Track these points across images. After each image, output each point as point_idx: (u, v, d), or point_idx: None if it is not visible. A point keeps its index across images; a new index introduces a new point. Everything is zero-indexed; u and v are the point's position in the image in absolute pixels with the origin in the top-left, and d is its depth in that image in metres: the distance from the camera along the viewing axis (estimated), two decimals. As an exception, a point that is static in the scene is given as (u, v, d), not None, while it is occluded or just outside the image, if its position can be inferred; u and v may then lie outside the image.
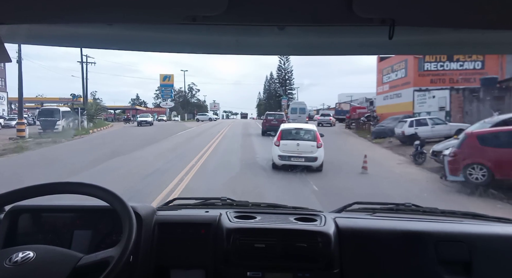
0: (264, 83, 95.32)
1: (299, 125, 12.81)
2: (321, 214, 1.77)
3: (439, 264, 1.54)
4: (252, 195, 7.17)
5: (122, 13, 1.01)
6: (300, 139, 11.07)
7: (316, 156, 10.47)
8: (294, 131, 11.43)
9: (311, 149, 10.60)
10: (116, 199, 1.28)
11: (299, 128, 11.67)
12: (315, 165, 10.48)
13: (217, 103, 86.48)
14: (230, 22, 1.06)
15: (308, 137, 11.05)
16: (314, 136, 10.97)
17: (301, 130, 11.49)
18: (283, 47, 1.53)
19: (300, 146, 10.67)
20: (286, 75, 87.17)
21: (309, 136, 11.11)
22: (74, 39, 1.36)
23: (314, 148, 10.61)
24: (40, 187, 1.31)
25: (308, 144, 10.73)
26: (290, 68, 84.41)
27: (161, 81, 65.80)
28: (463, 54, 21.10)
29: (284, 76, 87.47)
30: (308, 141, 10.89)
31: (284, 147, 10.72)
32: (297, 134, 11.31)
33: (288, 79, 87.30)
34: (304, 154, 10.49)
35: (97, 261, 1.16)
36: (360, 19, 0.98)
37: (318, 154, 10.51)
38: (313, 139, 10.90)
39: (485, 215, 1.83)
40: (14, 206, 1.57)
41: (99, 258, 1.16)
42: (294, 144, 10.75)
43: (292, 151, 10.58)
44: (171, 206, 1.92)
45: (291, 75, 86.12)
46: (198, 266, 1.60)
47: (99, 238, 1.55)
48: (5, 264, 1.10)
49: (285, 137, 11.06)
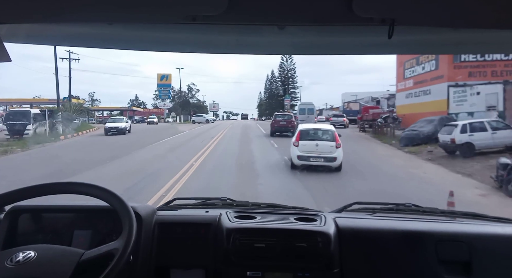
0: (265, 83, 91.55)
1: (317, 125, 12.89)
2: (321, 214, 1.77)
3: (439, 264, 1.53)
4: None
5: (122, 13, 1.02)
6: (319, 139, 11.03)
7: (335, 156, 10.42)
8: (312, 132, 11.40)
9: (330, 149, 10.56)
10: (116, 199, 1.29)
11: (318, 129, 11.69)
12: (334, 165, 10.47)
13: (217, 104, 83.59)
14: (230, 22, 1.06)
15: (326, 138, 11.00)
16: (333, 137, 10.92)
17: (319, 131, 11.47)
18: (283, 47, 1.53)
19: (319, 146, 10.65)
20: (289, 73, 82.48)
21: (327, 136, 11.05)
22: (74, 39, 1.37)
23: (333, 148, 10.56)
24: (40, 187, 1.32)
25: (327, 144, 10.70)
26: (293, 66, 79.77)
27: (159, 81, 64.99)
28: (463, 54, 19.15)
29: (287, 75, 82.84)
30: (327, 141, 10.86)
31: (303, 147, 10.67)
32: (315, 134, 11.29)
33: (290, 78, 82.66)
34: (323, 154, 10.48)
35: (101, 254, 1.16)
36: (360, 19, 0.98)
37: (337, 154, 10.46)
38: (332, 139, 10.85)
39: (485, 215, 1.81)
40: (14, 206, 1.57)
41: (103, 251, 1.17)
42: (313, 144, 10.72)
43: (311, 151, 10.56)
44: (171, 206, 1.92)
45: (294, 73, 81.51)
46: (198, 266, 1.60)
47: (99, 238, 1.53)
48: (6, 264, 1.10)
49: (304, 138, 11.01)
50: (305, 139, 11.03)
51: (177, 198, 2.00)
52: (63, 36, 1.32)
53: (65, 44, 1.51)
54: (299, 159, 10.63)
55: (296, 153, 10.73)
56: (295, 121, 23.11)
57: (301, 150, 10.71)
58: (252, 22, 1.09)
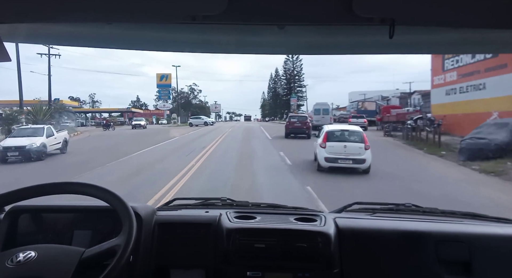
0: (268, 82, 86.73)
1: (344, 126, 12.82)
2: (321, 214, 1.76)
3: (439, 264, 1.53)
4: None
5: (122, 13, 1.01)
6: (347, 140, 10.76)
7: (364, 158, 10.14)
8: (340, 133, 11.10)
9: (359, 151, 10.27)
10: (116, 199, 1.28)
11: (345, 130, 11.38)
12: (362, 167, 10.18)
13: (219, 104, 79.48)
14: (230, 22, 1.06)
15: (355, 139, 10.74)
16: (362, 138, 10.67)
17: (347, 132, 11.18)
18: (283, 47, 1.52)
19: (347, 148, 10.39)
20: (295, 70, 77.08)
21: (356, 138, 10.79)
22: (74, 38, 1.36)
23: (362, 150, 10.28)
24: (40, 187, 1.31)
25: (355, 146, 10.43)
26: (299, 63, 74.29)
27: (158, 81, 63.17)
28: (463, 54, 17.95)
29: (292, 72, 77.44)
30: (355, 142, 10.59)
31: (330, 149, 10.42)
32: (343, 135, 11.00)
33: (297, 75, 77.31)
34: (351, 156, 10.23)
35: (102, 251, 1.16)
36: (360, 19, 0.98)
37: (366, 156, 10.17)
38: (360, 141, 10.59)
39: (485, 215, 1.80)
40: (14, 206, 1.56)
41: (105, 248, 1.16)
42: (341, 145, 10.46)
43: (339, 152, 10.31)
44: (171, 206, 1.90)
45: (301, 71, 76.16)
46: (198, 266, 1.59)
47: (99, 238, 1.51)
48: (7, 265, 1.10)
49: (331, 139, 10.74)
50: (333, 140, 10.69)
51: (177, 198, 1.99)
52: (62, 36, 1.32)
53: (64, 44, 1.52)
54: (327, 160, 10.32)
55: (323, 155, 10.41)
56: (309, 123, 22.27)
57: (328, 152, 10.39)
58: (252, 22, 1.09)
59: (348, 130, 11.32)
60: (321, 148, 10.57)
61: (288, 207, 1.88)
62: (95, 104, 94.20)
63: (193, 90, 79.34)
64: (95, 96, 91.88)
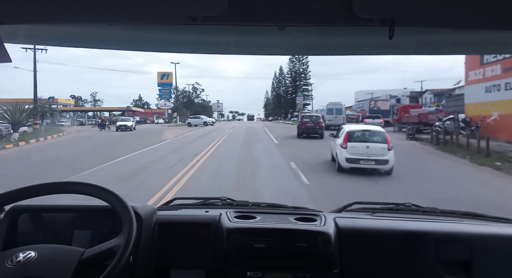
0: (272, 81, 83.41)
1: (366, 127, 12.45)
2: (321, 214, 1.76)
3: (439, 264, 1.53)
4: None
5: (122, 13, 1.02)
6: (369, 140, 10.42)
7: (387, 159, 9.82)
8: (361, 133, 10.78)
9: (382, 152, 9.92)
10: (116, 199, 1.28)
11: (367, 130, 11.04)
12: (385, 168, 9.88)
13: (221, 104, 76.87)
14: (230, 23, 1.06)
15: (377, 139, 10.40)
16: (384, 138, 10.31)
17: (368, 132, 10.84)
18: (283, 48, 1.52)
19: (369, 148, 10.06)
20: (301, 68, 73.27)
21: (378, 138, 10.44)
22: (74, 39, 1.36)
23: (385, 150, 9.93)
24: (40, 186, 1.31)
25: (378, 146, 10.10)
26: (305, 60, 70.47)
27: (159, 80, 59.82)
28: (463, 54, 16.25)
29: (298, 69, 73.65)
30: (378, 143, 10.25)
31: (352, 149, 10.12)
32: (364, 136, 10.66)
33: (303, 73, 73.51)
34: (374, 157, 9.89)
35: (102, 251, 1.16)
36: (360, 20, 0.98)
37: (389, 157, 9.86)
38: (383, 141, 10.23)
39: (485, 215, 1.80)
40: (14, 206, 1.56)
41: (104, 249, 1.17)
42: (363, 146, 10.15)
43: (361, 153, 10.02)
44: (171, 206, 1.91)
45: (307, 68, 72.33)
46: (198, 266, 1.60)
47: (99, 238, 1.52)
48: (7, 265, 1.10)
49: (353, 139, 10.43)
50: (354, 141, 10.35)
51: (177, 198, 2.01)
52: (63, 37, 1.32)
53: (64, 45, 1.52)
54: (348, 161, 10.01)
55: (344, 155, 10.11)
56: (323, 123, 22.11)
57: (350, 152, 10.07)
58: (252, 23, 1.09)
59: (370, 130, 11.00)
60: (342, 148, 10.27)
61: (288, 206, 1.90)
62: (97, 103, 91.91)
63: (195, 90, 76.66)
64: (96, 95, 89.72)
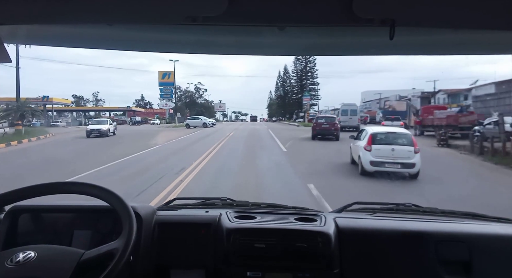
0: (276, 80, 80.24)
1: (391, 129, 12.29)
2: (321, 214, 1.77)
3: (439, 264, 1.53)
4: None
5: (122, 14, 1.02)
6: (394, 143, 10.05)
7: (413, 162, 9.45)
8: (385, 136, 10.47)
9: (408, 154, 9.57)
10: (116, 199, 1.28)
11: (392, 132, 10.77)
12: (412, 171, 9.53)
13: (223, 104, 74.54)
14: (230, 23, 1.06)
15: (403, 142, 10.03)
16: (410, 141, 9.95)
17: (393, 134, 10.54)
18: (284, 48, 1.53)
19: (395, 151, 9.72)
20: (307, 66, 69.73)
21: (404, 140, 10.07)
22: (74, 39, 1.37)
23: (411, 153, 9.58)
24: (40, 187, 1.32)
25: (404, 149, 9.74)
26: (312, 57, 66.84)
27: (160, 79, 58.37)
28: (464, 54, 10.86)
29: (305, 67, 70.10)
30: (404, 145, 9.90)
31: (376, 152, 9.78)
32: (388, 138, 10.35)
33: (310, 71, 69.92)
34: (400, 160, 9.54)
35: (101, 254, 1.17)
36: (360, 20, 0.99)
37: (416, 160, 9.49)
38: (409, 144, 9.88)
39: (485, 215, 1.80)
40: (14, 206, 1.56)
41: (103, 251, 1.17)
42: (389, 148, 9.81)
43: (386, 156, 9.67)
44: (171, 206, 1.91)
45: (314, 66, 68.79)
46: (198, 266, 1.60)
47: (99, 238, 1.52)
48: (6, 265, 1.10)
49: (377, 142, 10.08)
50: (379, 143, 10.00)
51: (177, 198, 2.02)
52: (63, 37, 1.33)
53: (65, 45, 1.53)
54: (372, 164, 9.66)
55: (368, 158, 9.76)
56: (338, 124, 21.98)
57: (374, 155, 9.73)
58: (252, 23, 1.09)
59: (395, 132, 10.73)
60: (366, 151, 9.91)
61: (288, 207, 1.90)
62: (99, 103, 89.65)
63: (198, 89, 74.27)
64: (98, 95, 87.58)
